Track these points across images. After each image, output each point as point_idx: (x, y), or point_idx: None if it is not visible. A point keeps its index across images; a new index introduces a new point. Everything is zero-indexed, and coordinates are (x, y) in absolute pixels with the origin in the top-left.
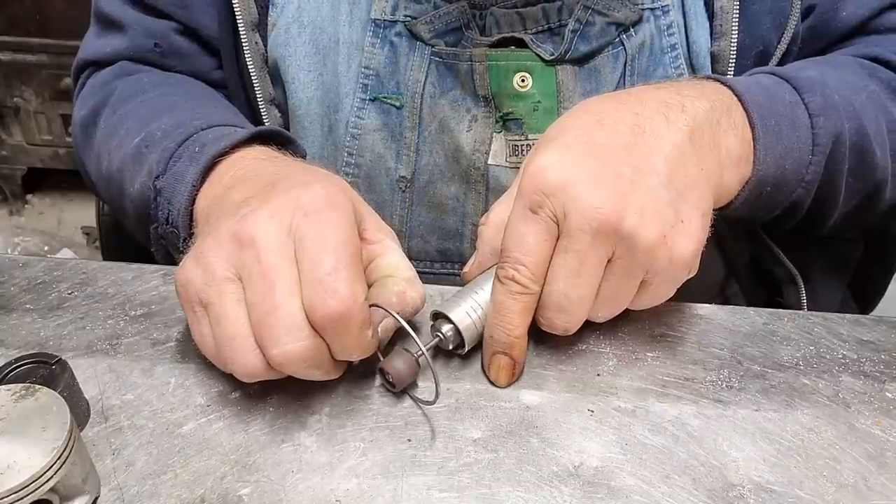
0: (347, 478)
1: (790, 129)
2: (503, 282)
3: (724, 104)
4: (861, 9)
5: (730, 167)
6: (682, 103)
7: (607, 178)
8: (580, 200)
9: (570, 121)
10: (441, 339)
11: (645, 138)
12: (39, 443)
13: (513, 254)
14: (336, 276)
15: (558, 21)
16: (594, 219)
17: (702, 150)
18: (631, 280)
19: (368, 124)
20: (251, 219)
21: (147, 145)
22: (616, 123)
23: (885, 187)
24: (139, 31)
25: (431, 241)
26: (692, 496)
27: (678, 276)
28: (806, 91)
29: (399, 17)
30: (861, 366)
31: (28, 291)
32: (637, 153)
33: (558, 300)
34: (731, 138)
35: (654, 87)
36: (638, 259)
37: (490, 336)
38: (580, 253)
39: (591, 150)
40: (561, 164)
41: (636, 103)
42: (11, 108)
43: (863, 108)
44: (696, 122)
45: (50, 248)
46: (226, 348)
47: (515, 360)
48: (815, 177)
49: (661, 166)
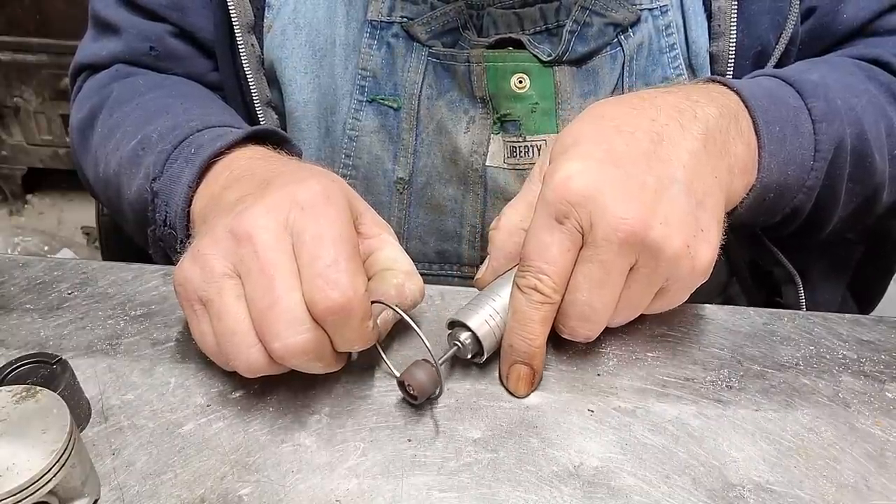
0: (347, 478)
1: (794, 135)
2: (524, 291)
3: (732, 110)
4: (862, 11)
5: (738, 174)
6: (694, 110)
7: (632, 188)
8: (607, 211)
9: (585, 127)
10: (459, 347)
11: (664, 146)
12: (39, 445)
13: (535, 262)
14: (336, 268)
15: (556, 22)
16: (621, 229)
17: (715, 158)
18: (651, 287)
19: (366, 126)
20: (247, 215)
21: (143, 148)
22: (634, 131)
23: (883, 191)
24: (135, 35)
25: (429, 242)
26: (692, 496)
27: (695, 282)
28: (809, 96)
29: (396, 18)
30: (861, 366)
31: (28, 291)
32: (657, 162)
33: (582, 310)
34: (739, 145)
35: (664, 92)
36: (661, 268)
37: (510, 345)
38: (605, 263)
39: (614, 159)
40: (586, 174)
41: (650, 109)
42: (11, 108)
43: (863, 112)
44: (709, 129)
45: (50, 248)
46: (227, 344)
47: (535, 370)
48: (816, 182)
49: (680, 175)
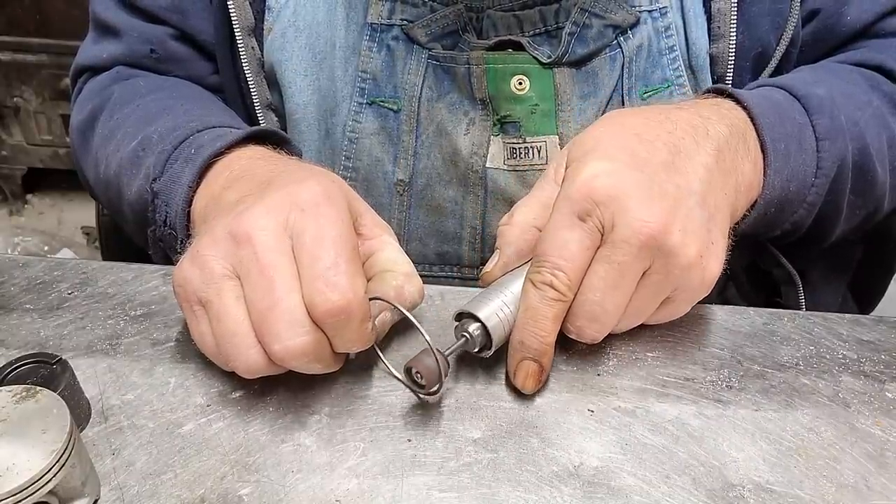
0: (347, 478)
1: (798, 151)
2: (539, 287)
3: (741, 129)
4: (865, 13)
5: (743, 192)
6: (706, 127)
7: (655, 194)
8: (630, 212)
9: (605, 132)
10: (468, 339)
11: (681, 158)
12: (39, 445)
13: (552, 259)
14: (336, 270)
15: (555, 24)
16: (642, 232)
17: (724, 175)
18: (659, 295)
19: (366, 128)
20: (247, 216)
21: (144, 148)
22: (654, 140)
23: (884, 201)
24: (135, 37)
25: (430, 244)
26: (692, 496)
27: (700, 295)
28: (815, 112)
29: (396, 20)
30: (861, 366)
31: (28, 291)
32: (676, 172)
33: (592, 309)
34: (747, 164)
35: (676, 108)
36: (673, 276)
37: (520, 341)
38: (622, 264)
39: (638, 164)
40: (612, 175)
41: (667, 122)
42: (11, 108)
43: (867, 125)
44: (720, 147)
45: (50, 248)
46: (227, 345)
47: (544, 367)
48: (817, 198)
49: (697, 187)
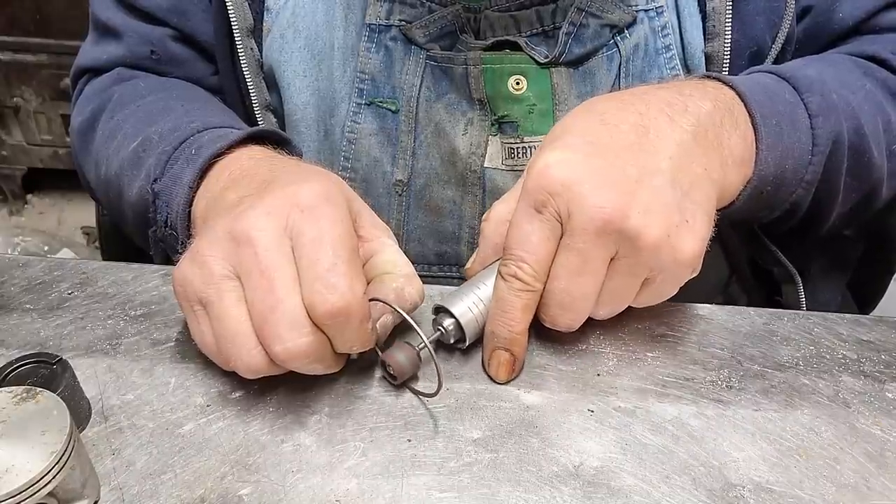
0: (347, 478)
1: (791, 129)
2: (506, 279)
3: (727, 104)
4: (857, 9)
5: (733, 167)
6: (685, 103)
7: (612, 178)
8: (584, 199)
9: (574, 121)
10: (442, 332)
11: (649, 138)
12: (39, 446)
13: (516, 251)
14: (335, 271)
15: (552, 24)
16: (597, 218)
17: (705, 150)
18: (634, 279)
19: (364, 128)
20: (247, 216)
21: (144, 149)
22: (620, 123)
23: (881, 186)
24: (135, 39)
25: (428, 244)
26: (692, 496)
27: (682, 275)
28: (805, 91)
29: (394, 21)
30: (861, 366)
31: (28, 291)
32: (642, 153)
33: (561, 298)
34: (734, 138)
35: (656, 88)
36: (642, 258)
37: (491, 332)
38: (583, 251)
39: (596, 150)
40: (565, 164)
41: (639, 103)
42: (11, 108)
43: (860, 107)
44: (700, 121)
45: (50, 248)
46: (228, 346)
47: (516, 357)
48: (814, 177)
49: (665, 166)
